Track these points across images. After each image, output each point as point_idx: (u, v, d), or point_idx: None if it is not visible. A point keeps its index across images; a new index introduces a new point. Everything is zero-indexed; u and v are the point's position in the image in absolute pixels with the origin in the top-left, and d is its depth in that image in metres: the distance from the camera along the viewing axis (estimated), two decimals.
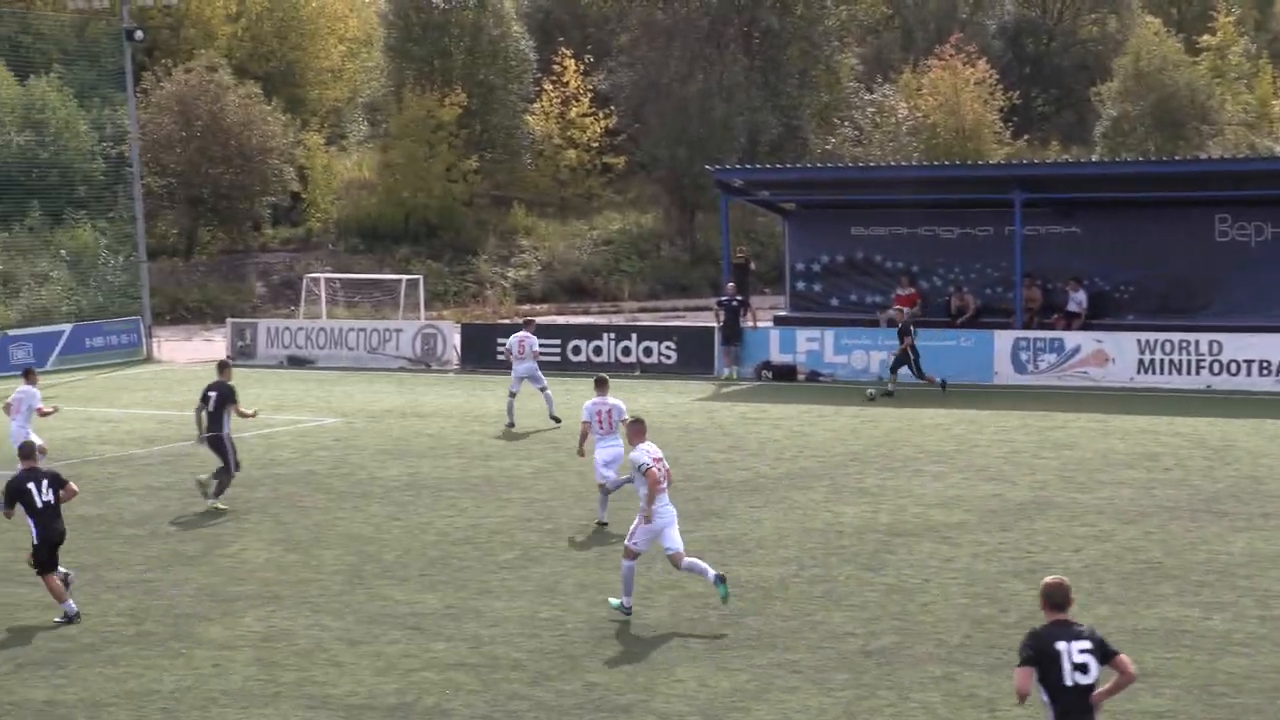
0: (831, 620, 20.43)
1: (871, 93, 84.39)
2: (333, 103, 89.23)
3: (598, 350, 48.93)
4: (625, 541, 21.10)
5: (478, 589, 22.32)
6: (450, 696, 17.76)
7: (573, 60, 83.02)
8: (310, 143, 79.71)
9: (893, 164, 69.08)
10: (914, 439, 34.80)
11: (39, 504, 21.53)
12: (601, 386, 27.76)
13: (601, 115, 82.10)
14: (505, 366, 48.46)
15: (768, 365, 46.45)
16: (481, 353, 50.47)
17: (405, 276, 62.97)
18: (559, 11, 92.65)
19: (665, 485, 20.84)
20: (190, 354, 59.01)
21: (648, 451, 20.89)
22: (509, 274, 75.28)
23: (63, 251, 65.78)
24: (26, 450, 22.35)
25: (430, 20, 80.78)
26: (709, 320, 50.01)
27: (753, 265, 54.87)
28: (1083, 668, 12.84)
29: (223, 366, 30.68)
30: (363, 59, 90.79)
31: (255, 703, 17.71)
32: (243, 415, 29.72)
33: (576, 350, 49.26)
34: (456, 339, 51.72)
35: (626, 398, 42.23)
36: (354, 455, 34.22)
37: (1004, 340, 44.45)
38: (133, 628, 20.83)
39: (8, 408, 31.84)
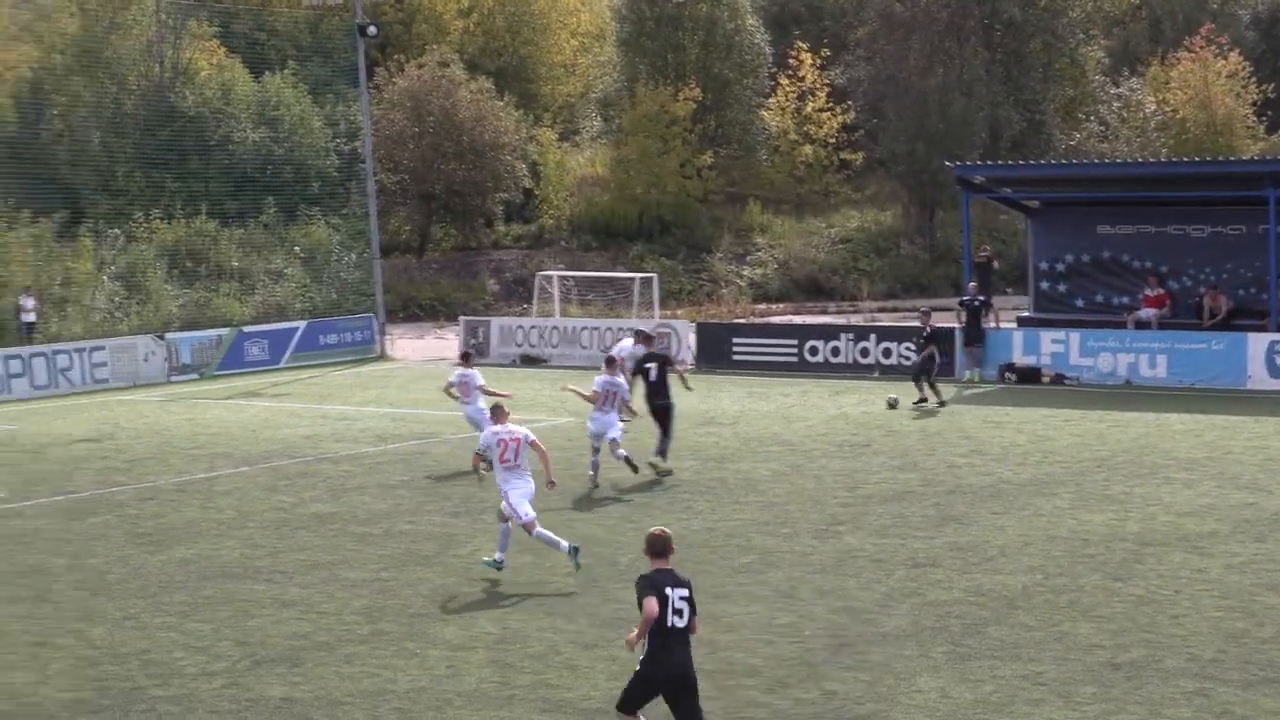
0: (1078, 631, 20.18)
1: (1118, 86, 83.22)
2: (565, 98, 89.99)
3: (835, 351, 48.75)
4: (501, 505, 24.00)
5: (713, 593, 22.34)
6: None
7: (809, 54, 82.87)
8: (543, 138, 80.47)
9: (1140, 160, 67.93)
10: (1163, 445, 34.23)
11: None
12: (610, 366, 31.63)
13: (838, 110, 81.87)
14: (740, 367, 48.70)
15: (1011, 367, 45.97)
16: (716, 353, 50.54)
17: (639, 274, 63.29)
18: (795, 4, 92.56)
19: (515, 462, 23.79)
20: (423, 351, 59.85)
21: (494, 433, 24.08)
22: (744, 272, 75.32)
23: (297, 248, 67.12)
24: None
25: (664, 14, 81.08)
26: (950, 321, 49.61)
27: (996, 264, 54.31)
28: (680, 612, 15.01)
29: (648, 338, 34.12)
30: (595, 53, 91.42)
31: (490, 705, 17.91)
32: (682, 379, 32.64)
33: (814, 351, 49.12)
34: (691, 338, 51.84)
35: (864, 399, 42.31)
36: (587, 456, 34.42)
37: (1258, 343, 43.52)
38: (367, 626, 21.18)
39: (450, 389, 34.38)
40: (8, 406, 48.78)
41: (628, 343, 39.54)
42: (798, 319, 62.93)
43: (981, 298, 46.85)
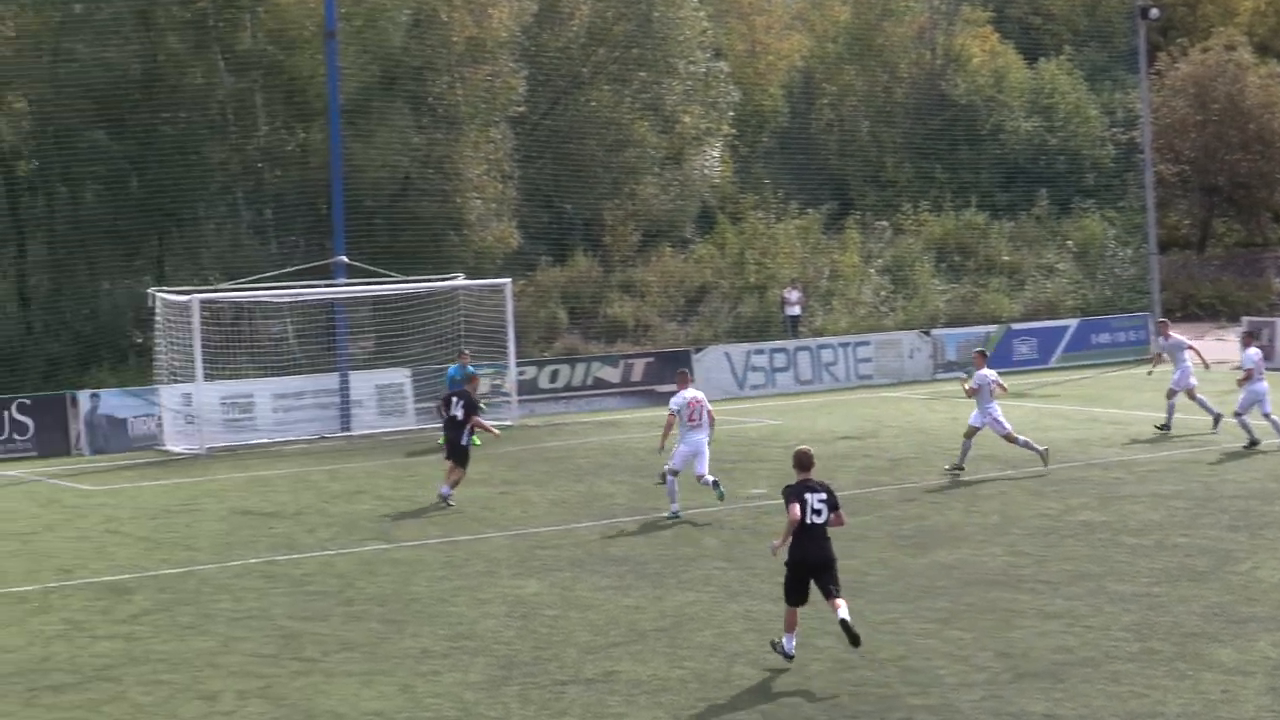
0: None
1: None
2: None
3: None
4: (665, 466, 30.78)
5: None
6: None
7: None
8: None
9: None
10: None
11: (448, 415, 33.31)
12: (981, 359, 35.47)
13: None
14: None
15: None
16: None
17: None
18: None
19: (699, 421, 30.27)
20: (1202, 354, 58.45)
21: (682, 397, 30.31)
22: None
23: (1069, 242, 66.77)
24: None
25: None
26: None
27: None
28: (818, 512, 19.90)
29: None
30: None
31: None
32: None
33: None
34: None
35: None
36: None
37: None
38: (1136, 644, 20.78)
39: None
40: (772, 401, 50.41)
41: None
42: None
43: None
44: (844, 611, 19.71)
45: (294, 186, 55.02)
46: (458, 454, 33.28)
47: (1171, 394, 39.89)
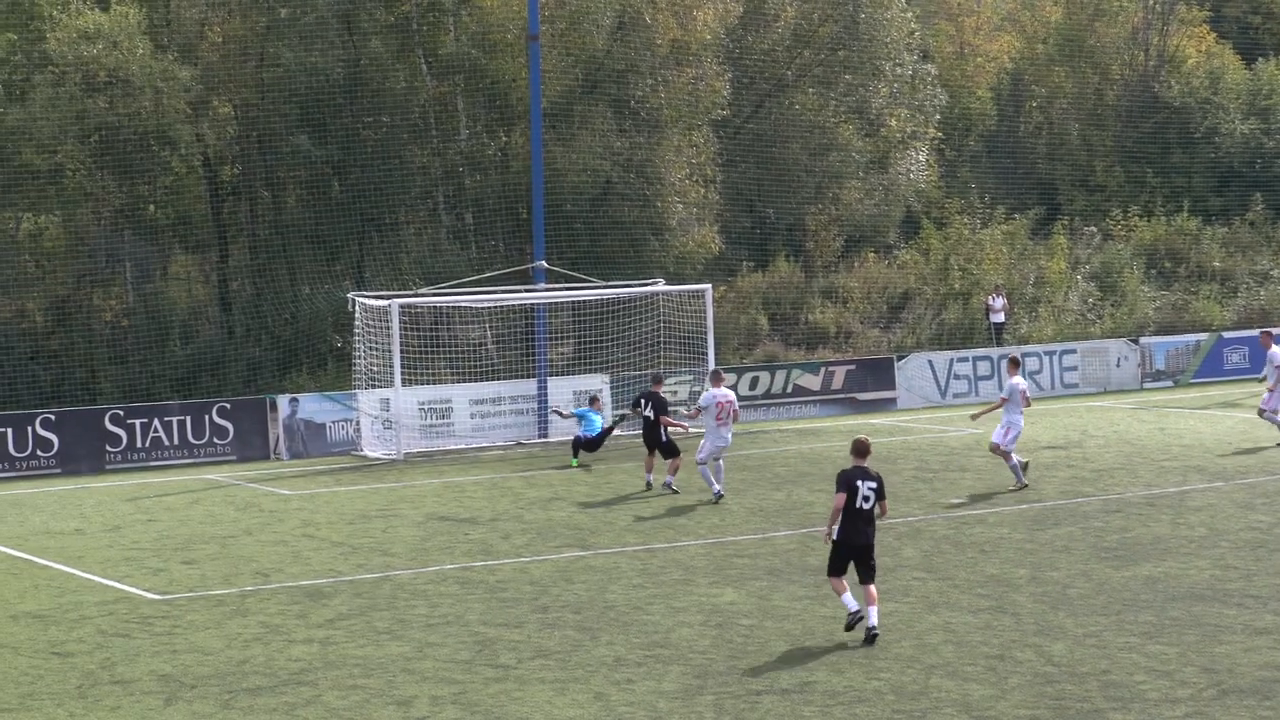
0: None
1: None
2: None
3: None
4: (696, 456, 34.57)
5: None
6: None
7: None
8: None
9: None
10: None
11: (643, 417, 36.94)
12: (1014, 367, 35.38)
13: None
14: None
15: None
16: None
17: None
18: None
19: (725, 420, 33.58)
20: None
21: (712, 395, 33.75)
22: None
23: None
24: None
25: None
26: None
27: None
28: (867, 498, 21.98)
29: None
30: None
31: None
32: None
33: None
34: None
35: None
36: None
37: None
38: None
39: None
40: (975, 409, 50.05)
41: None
42: None
43: None
44: (874, 617, 21.88)
45: (494, 191, 55.54)
46: (664, 450, 36.00)
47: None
